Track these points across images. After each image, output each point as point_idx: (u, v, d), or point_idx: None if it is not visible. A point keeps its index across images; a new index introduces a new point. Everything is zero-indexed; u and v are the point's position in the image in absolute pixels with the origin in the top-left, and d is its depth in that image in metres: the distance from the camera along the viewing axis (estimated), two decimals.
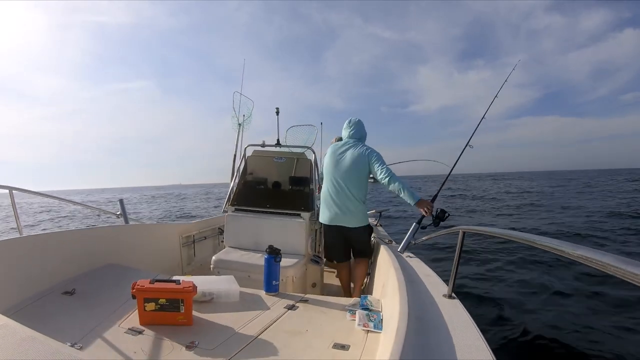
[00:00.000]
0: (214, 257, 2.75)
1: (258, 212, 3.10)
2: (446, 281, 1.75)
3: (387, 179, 2.65)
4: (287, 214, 3.04)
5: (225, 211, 3.20)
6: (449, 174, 2.93)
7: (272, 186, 3.37)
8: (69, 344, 1.40)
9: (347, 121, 2.98)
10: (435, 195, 2.84)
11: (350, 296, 2.85)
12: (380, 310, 1.85)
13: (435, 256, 6.16)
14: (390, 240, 3.05)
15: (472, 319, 1.37)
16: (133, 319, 1.72)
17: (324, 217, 2.90)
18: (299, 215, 3.01)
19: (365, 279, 3.18)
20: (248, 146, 3.45)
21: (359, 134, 2.94)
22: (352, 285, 3.03)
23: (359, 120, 2.97)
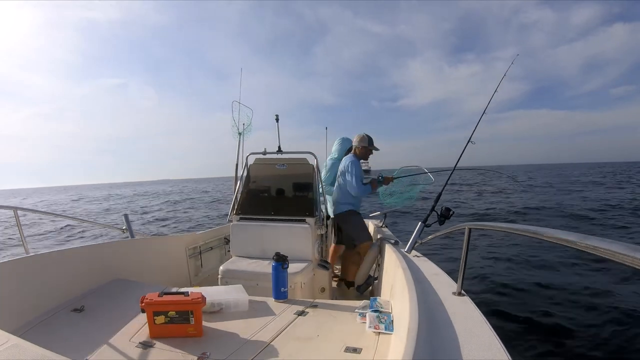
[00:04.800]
0: (221, 267, 2.75)
1: (263, 219, 3.10)
2: (455, 279, 1.74)
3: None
4: (292, 220, 3.03)
5: (230, 220, 3.20)
6: (452, 172, 2.92)
7: (276, 193, 3.37)
8: None
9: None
10: (439, 195, 2.84)
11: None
12: (390, 311, 1.83)
13: (442, 254, 6.13)
14: (397, 241, 3.04)
15: (483, 315, 1.36)
16: (143, 332, 1.73)
17: None
18: (303, 220, 3.01)
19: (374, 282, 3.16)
20: (250, 154, 3.45)
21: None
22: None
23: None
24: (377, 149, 3.48)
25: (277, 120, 3.49)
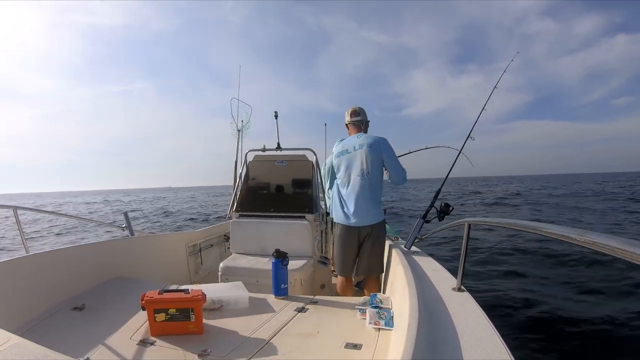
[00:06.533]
0: (221, 265, 2.75)
1: (262, 216, 3.10)
2: (455, 274, 1.74)
3: None
4: (291, 216, 3.04)
5: (229, 218, 3.20)
6: (452, 167, 2.91)
7: (275, 190, 3.37)
8: (82, 359, 1.40)
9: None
10: (438, 191, 2.83)
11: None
12: (390, 307, 1.84)
13: (442, 250, 6.15)
14: (396, 237, 3.04)
15: (482, 310, 1.36)
16: (144, 330, 1.73)
17: None
18: (303, 217, 3.01)
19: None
20: (249, 151, 3.45)
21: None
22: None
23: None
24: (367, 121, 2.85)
25: (275, 117, 3.49)
